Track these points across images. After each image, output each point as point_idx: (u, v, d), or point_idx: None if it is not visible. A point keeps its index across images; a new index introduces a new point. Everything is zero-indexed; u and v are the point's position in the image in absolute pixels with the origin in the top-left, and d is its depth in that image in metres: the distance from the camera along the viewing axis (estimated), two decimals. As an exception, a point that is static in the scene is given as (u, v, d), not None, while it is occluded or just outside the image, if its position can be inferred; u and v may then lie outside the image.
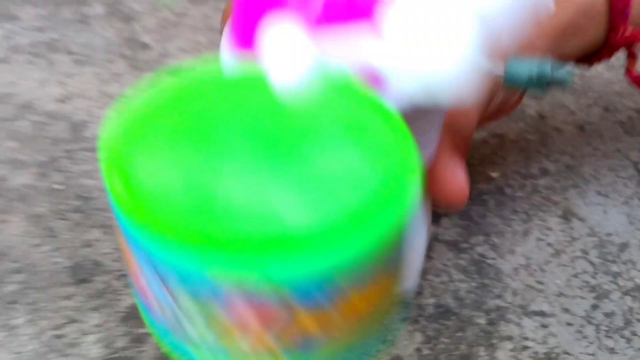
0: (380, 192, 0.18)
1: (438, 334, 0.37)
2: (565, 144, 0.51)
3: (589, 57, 0.43)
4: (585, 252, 0.43)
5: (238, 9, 0.24)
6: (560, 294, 0.40)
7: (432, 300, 0.38)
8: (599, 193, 0.47)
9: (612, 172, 0.49)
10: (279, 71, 0.18)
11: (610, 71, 0.59)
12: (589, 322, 0.39)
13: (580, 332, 0.38)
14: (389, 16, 0.18)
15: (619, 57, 0.56)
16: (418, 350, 0.36)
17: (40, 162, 0.40)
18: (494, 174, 0.47)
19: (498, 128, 0.51)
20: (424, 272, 0.39)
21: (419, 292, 0.38)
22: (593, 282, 0.41)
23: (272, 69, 0.18)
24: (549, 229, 0.44)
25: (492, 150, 0.49)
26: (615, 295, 0.41)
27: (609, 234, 0.44)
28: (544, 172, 0.48)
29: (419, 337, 0.36)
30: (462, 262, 0.41)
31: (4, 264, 0.36)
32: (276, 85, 0.18)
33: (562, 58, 0.39)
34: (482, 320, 0.38)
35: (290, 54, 0.17)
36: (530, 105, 0.53)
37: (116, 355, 0.33)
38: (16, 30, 0.50)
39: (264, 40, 0.17)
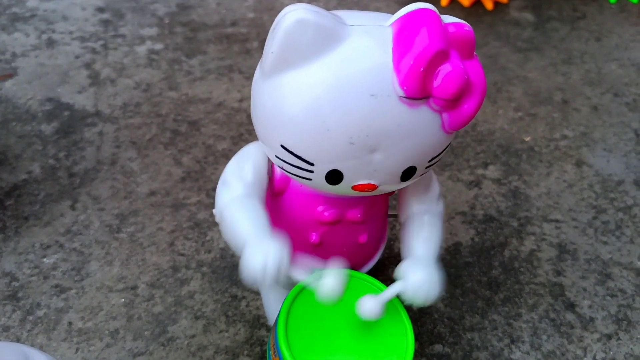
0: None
1: (485, 230, 0.55)
2: (581, 119, 0.68)
3: None
4: (591, 185, 0.60)
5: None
6: (571, 210, 0.57)
7: (481, 212, 0.56)
8: (604, 149, 0.64)
9: (616, 136, 0.65)
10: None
11: (621, 68, 0.75)
12: (590, 226, 0.55)
13: (583, 231, 0.55)
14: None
15: (630, 58, 0.73)
16: (472, 239, 0.54)
17: (232, 136, 0.63)
18: (527, 138, 0.65)
19: (531, 109, 0.68)
20: (476, 196, 0.58)
21: (472, 208, 0.57)
22: (595, 203, 0.58)
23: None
24: (565, 171, 0.61)
25: (526, 123, 0.67)
26: (611, 211, 0.57)
27: (609, 175, 0.61)
28: (564, 137, 0.65)
29: (472, 232, 0.55)
30: (503, 190, 0.59)
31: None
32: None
33: None
34: (515, 224, 0.56)
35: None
36: (556, 93, 0.71)
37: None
38: (207, 60, 0.74)
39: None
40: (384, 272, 0.50)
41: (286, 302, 0.35)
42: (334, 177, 0.31)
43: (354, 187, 0.32)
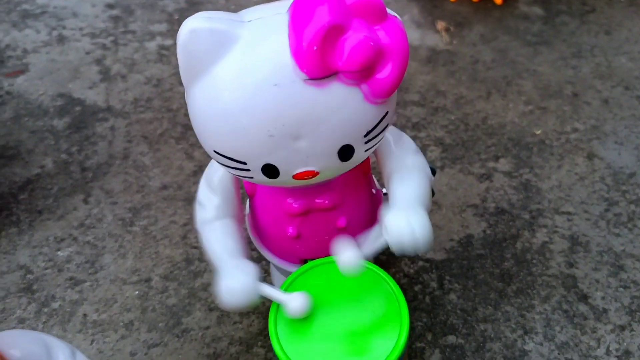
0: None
1: (497, 223, 0.55)
2: (592, 112, 0.67)
3: None
4: (602, 178, 0.59)
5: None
6: (582, 202, 0.57)
7: (493, 204, 0.56)
8: (615, 142, 0.63)
9: (627, 129, 0.65)
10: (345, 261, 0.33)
11: (632, 62, 0.75)
12: (602, 219, 0.55)
13: (595, 223, 0.55)
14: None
15: None
16: (484, 231, 0.54)
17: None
18: (538, 132, 0.65)
19: (541, 102, 0.68)
20: (487, 189, 0.58)
21: (484, 201, 0.57)
22: (607, 195, 0.58)
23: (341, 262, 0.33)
24: (576, 164, 0.61)
25: (537, 116, 0.67)
26: (623, 204, 0.57)
27: (621, 167, 0.60)
28: (575, 130, 0.65)
29: (484, 224, 0.55)
30: (514, 183, 0.59)
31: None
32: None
33: None
34: (526, 216, 0.56)
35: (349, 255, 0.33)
36: (566, 86, 0.71)
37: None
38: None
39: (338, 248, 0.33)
40: (395, 264, 0.50)
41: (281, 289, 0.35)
42: (269, 171, 0.31)
43: (294, 177, 0.31)
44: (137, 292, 0.48)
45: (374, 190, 0.41)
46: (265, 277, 0.50)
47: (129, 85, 0.69)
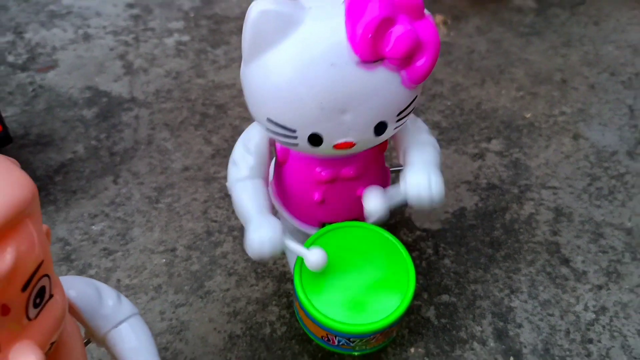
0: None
1: (488, 197, 0.60)
2: (579, 96, 0.72)
3: None
4: (586, 156, 0.64)
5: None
6: (567, 178, 0.62)
7: (485, 181, 0.61)
8: (600, 124, 0.68)
9: (611, 112, 0.70)
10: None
11: (618, 50, 0.80)
12: (585, 192, 0.60)
13: (578, 196, 0.60)
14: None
15: (627, 39, 0.77)
16: (476, 204, 0.59)
17: (256, 117, 0.68)
18: (528, 115, 0.69)
19: (532, 88, 0.73)
20: (480, 167, 0.63)
21: (476, 177, 0.62)
22: (590, 172, 0.62)
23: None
24: (563, 144, 0.66)
25: (527, 101, 0.71)
26: (605, 179, 0.62)
27: (604, 146, 0.65)
28: (562, 113, 0.70)
29: (476, 198, 0.60)
30: (504, 161, 0.63)
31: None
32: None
33: None
34: (515, 191, 0.60)
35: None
36: (556, 73, 0.75)
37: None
38: (231, 50, 0.79)
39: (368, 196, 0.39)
40: (395, 234, 0.55)
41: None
42: (315, 139, 0.36)
43: (335, 147, 0.36)
44: (164, 260, 0.54)
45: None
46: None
47: (150, 78, 0.74)
